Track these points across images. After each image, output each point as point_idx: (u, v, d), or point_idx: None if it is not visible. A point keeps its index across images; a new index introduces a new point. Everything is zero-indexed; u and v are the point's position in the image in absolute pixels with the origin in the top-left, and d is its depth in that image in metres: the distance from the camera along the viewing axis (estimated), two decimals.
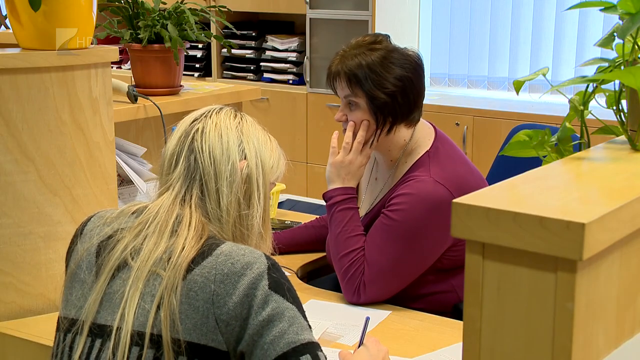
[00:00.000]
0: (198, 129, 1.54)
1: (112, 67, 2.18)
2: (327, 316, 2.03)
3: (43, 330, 1.95)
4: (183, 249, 1.41)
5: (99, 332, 1.43)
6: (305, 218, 2.76)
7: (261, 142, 1.58)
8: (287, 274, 1.46)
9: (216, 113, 1.57)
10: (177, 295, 1.37)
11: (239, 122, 1.57)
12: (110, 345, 1.40)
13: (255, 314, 1.36)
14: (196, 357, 1.36)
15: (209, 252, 1.41)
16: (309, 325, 1.42)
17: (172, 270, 1.39)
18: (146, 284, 1.41)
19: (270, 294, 1.37)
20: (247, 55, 5.14)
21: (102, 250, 1.49)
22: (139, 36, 2.64)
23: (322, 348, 1.43)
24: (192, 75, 5.31)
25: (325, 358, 1.41)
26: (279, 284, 1.40)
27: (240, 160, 1.53)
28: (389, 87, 2.12)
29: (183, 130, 1.56)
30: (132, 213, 1.53)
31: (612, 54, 1.21)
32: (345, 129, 2.20)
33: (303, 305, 1.44)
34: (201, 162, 1.51)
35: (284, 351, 1.36)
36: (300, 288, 2.19)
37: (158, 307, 1.38)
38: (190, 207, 1.49)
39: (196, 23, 2.68)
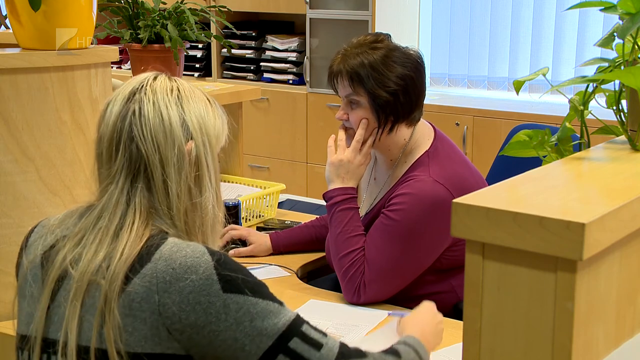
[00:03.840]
0: (134, 110, 1.38)
1: (112, 67, 2.18)
2: (327, 316, 2.03)
3: None
4: (121, 255, 1.32)
5: (51, 347, 1.36)
6: (305, 218, 2.76)
7: (203, 113, 1.43)
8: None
9: (150, 87, 1.41)
10: (118, 308, 1.29)
11: (177, 95, 1.41)
12: None
13: (217, 320, 1.28)
14: None
15: (147, 258, 1.31)
16: (280, 302, 1.33)
17: (110, 283, 1.30)
18: (87, 295, 1.32)
19: (227, 297, 1.29)
20: (247, 55, 5.14)
21: (46, 262, 1.40)
22: (139, 36, 2.64)
23: None
24: (192, 75, 5.31)
25: (314, 327, 1.35)
26: (231, 283, 1.30)
27: (187, 141, 1.40)
28: (391, 85, 2.12)
29: (118, 112, 1.39)
30: (77, 216, 1.43)
31: (612, 54, 1.21)
32: (346, 127, 2.21)
33: (277, 296, 1.35)
34: (144, 151, 1.37)
35: (269, 345, 1.30)
36: (300, 288, 2.19)
37: (101, 321, 1.30)
38: (135, 202, 1.37)
39: (196, 23, 2.68)
